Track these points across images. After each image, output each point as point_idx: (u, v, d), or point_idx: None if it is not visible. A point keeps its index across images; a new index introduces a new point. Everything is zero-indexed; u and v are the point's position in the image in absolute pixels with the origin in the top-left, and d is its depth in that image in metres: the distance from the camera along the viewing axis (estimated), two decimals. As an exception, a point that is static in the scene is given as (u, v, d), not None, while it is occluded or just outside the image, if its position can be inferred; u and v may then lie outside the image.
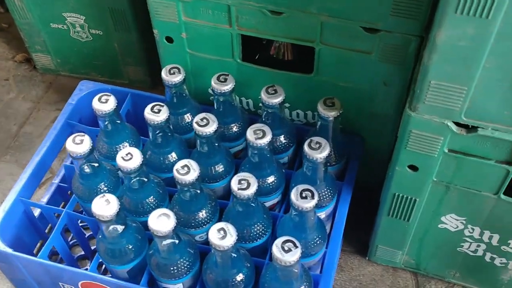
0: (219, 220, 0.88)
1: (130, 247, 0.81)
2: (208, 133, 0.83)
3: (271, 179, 0.87)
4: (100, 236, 0.81)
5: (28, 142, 1.19)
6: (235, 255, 0.76)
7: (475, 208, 0.79)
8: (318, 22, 0.81)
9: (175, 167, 0.79)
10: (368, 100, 0.89)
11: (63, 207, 1.06)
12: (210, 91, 1.00)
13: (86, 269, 0.89)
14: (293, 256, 0.70)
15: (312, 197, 0.75)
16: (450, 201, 0.79)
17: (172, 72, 0.90)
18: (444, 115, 0.68)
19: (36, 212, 0.99)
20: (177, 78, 0.89)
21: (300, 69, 0.92)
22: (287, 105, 0.96)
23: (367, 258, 1.00)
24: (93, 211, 0.76)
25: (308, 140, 0.80)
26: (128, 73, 1.23)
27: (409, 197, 0.82)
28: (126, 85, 1.23)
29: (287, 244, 0.71)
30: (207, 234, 0.86)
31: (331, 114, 0.84)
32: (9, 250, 0.86)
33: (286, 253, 0.71)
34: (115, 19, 1.11)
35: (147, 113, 0.85)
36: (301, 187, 0.76)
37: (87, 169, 0.85)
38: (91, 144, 0.82)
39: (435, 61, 0.62)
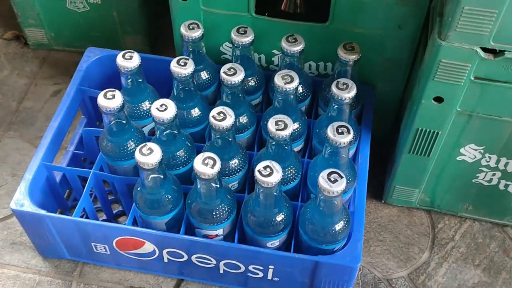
0: (249, 169, 0.90)
1: (169, 197, 0.82)
2: (236, 81, 0.85)
3: (296, 125, 0.89)
4: (139, 188, 0.82)
5: (30, 117, 1.17)
6: (278, 194, 0.78)
7: (494, 135, 0.84)
8: (337, -33, 0.84)
9: (211, 114, 0.80)
10: (381, 45, 0.93)
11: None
12: (222, 49, 1.02)
13: (119, 228, 0.89)
14: (340, 186, 0.74)
15: (348, 132, 0.79)
16: (471, 130, 0.84)
17: (191, 27, 0.91)
18: (474, 41, 0.72)
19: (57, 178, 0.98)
20: (197, 33, 0.91)
21: (312, 19, 0.94)
22: (300, 57, 0.99)
23: (382, 201, 1.05)
24: (137, 159, 0.76)
25: (335, 82, 0.84)
26: (126, 44, 1.22)
27: (432, 131, 0.86)
28: (123, 56, 1.23)
29: (332, 175, 0.74)
30: (238, 183, 0.90)
31: (351, 58, 0.88)
32: (43, 212, 0.85)
33: (333, 183, 0.74)
34: (115, -15, 1.10)
35: (174, 66, 0.86)
36: (336, 124, 0.79)
37: (118, 126, 0.85)
38: (123, 99, 0.82)
39: (470, -14, 0.66)
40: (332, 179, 0.74)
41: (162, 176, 0.80)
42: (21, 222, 0.90)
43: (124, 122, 0.85)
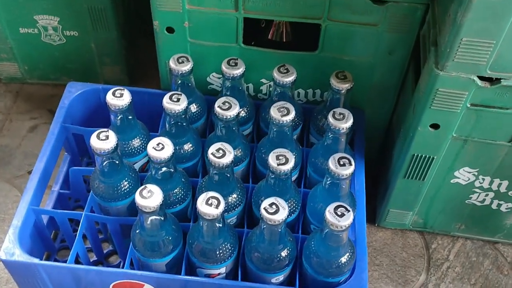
0: (246, 203, 0.89)
1: (170, 238, 0.80)
2: (232, 116, 0.84)
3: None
4: (137, 231, 0.79)
5: (7, 155, 1.12)
6: (283, 230, 0.77)
7: (488, 158, 0.86)
8: (327, -1, 0.84)
9: (209, 151, 0.79)
10: (371, 71, 0.93)
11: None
12: (209, 79, 1.00)
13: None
14: (348, 220, 0.73)
15: (350, 163, 0.78)
16: (466, 154, 0.85)
17: (180, 61, 0.89)
18: (471, 71, 0.73)
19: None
20: (187, 67, 0.89)
21: (301, 48, 0.94)
22: (289, 85, 0.99)
23: (376, 224, 1.05)
24: (137, 202, 0.74)
25: (332, 112, 0.83)
26: (104, 74, 1.19)
27: (428, 156, 0.87)
28: (101, 86, 1.20)
29: (339, 209, 0.74)
30: (237, 218, 0.88)
31: (344, 87, 0.88)
32: (36, 260, 0.81)
33: (340, 217, 0.73)
34: (94, 18, 1.07)
35: (167, 102, 0.84)
36: (337, 155, 0.79)
37: (111, 166, 0.82)
38: (117, 140, 0.80)
39: (469, 18, 0.67)
40: (339, 213, 0.74)
41: (162, 218, 0.78)
42: (10, 271, 0.85)
43: (118, 162, 0.83)
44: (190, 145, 0.90)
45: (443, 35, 0.74)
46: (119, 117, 0.87)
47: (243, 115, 0.95)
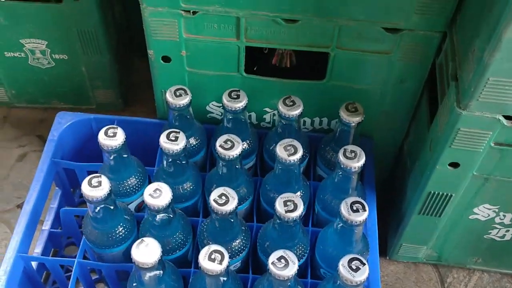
0: (251, 246, 0.82)
1: (170, 291, 0.74)
2: (235, 155, 0.77)
3: (299, 193, 0.83)
4: (135, 284, 0.73)
5: (-6, 187, 1.06)
6: (292, 283, 0.71)
7: (511, 195, 0.80)
8: (336, 27, 0.78)
9: (211, 197, 0.73)
10: (381, 99, 0.87)
11: (54, 255, 0.97)
12: (209, 108, 0.94)
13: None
14: (363, 275, 0.67)
15: (364, 209, 0.72)
16: (487, 192, 0.80)
17: (178, 94, 0.83)
18: (497, 110, 0.67)
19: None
20: (185, 100, 0.83)
21: (305, 75, 0.88)
22: (294, 114, 0.92)
23: (387, 257, 0.99)
24: (134, 258, 0.68)
25: (342, 150, 0.77)
26: (96, 97, 1.13)
27: (445, 194, 0.81)
28: (93, 110, 1.14)
29: (353, 262, 0.68)
30: (241, 262, 0.82)
31: (355, 120, 0.82)
32: (25, 317, 0.76)
33: (355, 272, 0.67)
34: (84, 41, 1.01)
35: (164, 142, 0.78)
36: (350, 200, 0.73)
37: (105, 212, 0.76)
38: (110, 186, 0.74)
39: (498, 58, 0.61)
40: (354, 267, 0.67)
41: (161, 271, 0.71)
42: (-2, 325, 0.80)
43: (112, 207, 0.77)
44: (190, 184, 0.84)
45: (465, 71, 0.68)
46: (113, 157, 0.80)
47: (245, 148, 0.88)
